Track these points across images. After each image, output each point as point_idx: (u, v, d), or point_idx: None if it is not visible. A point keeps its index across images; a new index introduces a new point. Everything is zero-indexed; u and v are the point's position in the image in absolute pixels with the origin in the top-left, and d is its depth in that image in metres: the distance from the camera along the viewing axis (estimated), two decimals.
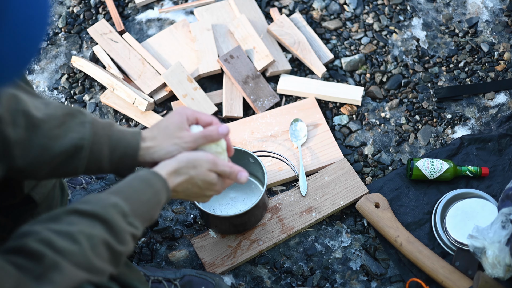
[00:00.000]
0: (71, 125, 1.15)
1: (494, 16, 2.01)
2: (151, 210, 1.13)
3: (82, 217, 1.02)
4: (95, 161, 1.17)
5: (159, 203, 1.14)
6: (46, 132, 1.12)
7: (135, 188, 1.12)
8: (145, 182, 1.13)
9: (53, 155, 1.13)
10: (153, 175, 1.14)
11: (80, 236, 0.99)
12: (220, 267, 1.60)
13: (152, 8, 2.06)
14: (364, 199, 1.66)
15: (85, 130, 1.15)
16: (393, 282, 1.61)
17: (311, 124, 1.81)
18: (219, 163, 1.23)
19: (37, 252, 0.95)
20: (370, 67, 1.94)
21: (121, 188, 1.11)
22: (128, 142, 1.19)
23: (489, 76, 1.91)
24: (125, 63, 1.92)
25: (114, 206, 1.06)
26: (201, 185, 1.21)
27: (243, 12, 2.00)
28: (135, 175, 1.14)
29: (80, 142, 1.14)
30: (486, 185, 1.71)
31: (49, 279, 0.95)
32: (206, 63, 1.90)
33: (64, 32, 2.02)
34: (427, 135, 1.82)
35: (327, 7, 2.05)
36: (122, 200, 1.08)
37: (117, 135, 1.19)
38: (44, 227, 0.99)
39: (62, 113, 1.15)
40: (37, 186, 1.27)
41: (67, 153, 1.14)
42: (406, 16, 2.03)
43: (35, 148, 1.11)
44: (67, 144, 1.13)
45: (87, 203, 1.05)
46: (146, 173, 1.15)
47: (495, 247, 1.44)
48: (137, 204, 1.10)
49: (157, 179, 1.14)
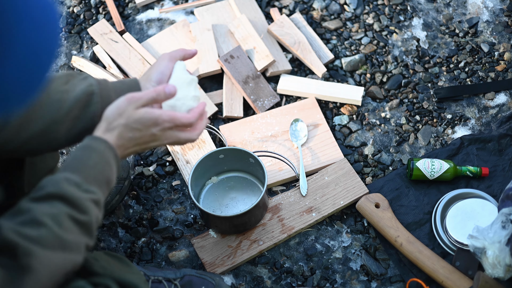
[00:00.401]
0: (75, 81, 1.22)
1: (494, 16, 2.01)
2: (103, 172, 1.14)
3: (40, 202, 1.05)
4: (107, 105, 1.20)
5: (108, 163, 1.15)
6: (58, 87, 1.19)
7: (78, 158, 1.13)
8: (86, 149, 1.14)
9: (69, 106, 1.18)
10: (91, 140, 1.15)
11: (44, 218, 1.02)
12: (220, 267, 1.60)
13: (152, 8, 2.06)
14: (364, 199, 1.66)
15: (90, 80, 1.22)
16: (393, 282, 1.61)
17: (311, 124, 1.81)
18: (138, 95, 1.19)
19: (9, 245, 0.97)
20: (370, 67, 1.94)
21: (67, 162, 1.13)
22: (128, 85, 1.26)
23: (489, 76, 1.91)
24: (126, 63, 1.92)
25: (65, 180, 1.08)
26: (138, 126, 1.18)
27: (244, 12, 2.00)
28: (76, 147, 1.17)
29: (90, 88, 1.21)
30: (486, 185, 1.71)
31: (28, 268, 0.97)
32: (206, 63, 1.90)
33: (64, 32, 2.02)
34: (427, 135, 1.82)
35: (327, 7, 2.05)
36: (70, 173, 1.10)
37: (117, 83, 1.27)
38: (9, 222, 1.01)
39: (64, 74, 1.23)
40: None
41: (82, 102, 1.20)
42: (407, 16, 2.03)
43: (51, 104, 1.17)
44: (79, 93, 1.19)
45: (41, 188, 1.07)
46: (85, 140, 1.16)
47: (495, 247, 1.44)
48: (86, 171, 1.12)
49: (96, 142, 1.15)
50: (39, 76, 0.87)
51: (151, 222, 1.70)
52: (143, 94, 1.19)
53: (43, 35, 0.84)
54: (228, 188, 1.71)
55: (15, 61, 0.81)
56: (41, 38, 0.84)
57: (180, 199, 1.74)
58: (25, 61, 0.82)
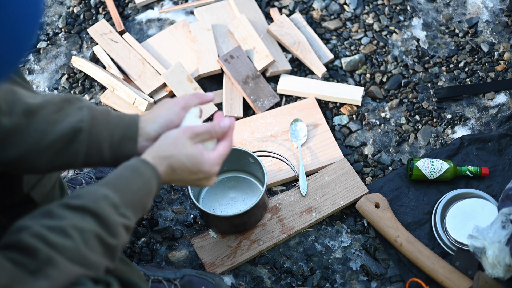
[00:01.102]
0: (69, 110, 1.14)
1: (494, 16, 2.01)
2: (143, 199, 1.11)
3: (73, 212, 1.02)
4: (95, 145, 1.15)
5: (151, 191, 1.12)
6: (45, 117, 1.11)
7: (124, 178, 1.09)
8: (134, 171, 1.10)
9: (52, 139, 1.11)
10: (141, 163, 1.12)
11: (72, 231, 0.99)
12: (220, 267, 1.60)
13: (152, 8, 2.07)
14: (364, 199, 1.66)
15: (83, 113, 1.14)
16: (393, 282, 1.61)
17: (311, 124, 1.81)
18: (196, 127, 1.16)
19: (31, 247, 0.95)
20: (370, 67, 1.94)
21: (110, 179, 1.10)
22: (126, 123, 1.18)
23: (489, 76, 1.91)
24: (125, 63, 1.92)
25: (104, 198, 1.05)
26: (188, 163, 1.15)
27: (243, 12, 2.00)
28: (124, 165, 1.12)
29: (79, 125, 1.13)
30: (486, 185, 1.71)
31: (44, 274, 0.95)
32: (206, 63, 1.90)
33: (64, 32, 2.02)
34: (427, 135, 1.82)
35: (327, 7, 2.05)
36: (111, 191, 1.06)
37: (115, 118, 1.18)
38: (37, 222, 0.99)
39: (59, 99, 1.14)
40: (37, 186, 1.27)
41: (67, 137, 1.12)
42: (406, 16, 2.03)
43: (33, 134, 1.11)
44: (66, 127, 1.12)
45: (77, 197, 1.04)
46: (134, 161, 1.12)
47: (495, 247, 1.44)
48: (128, 194, 1.09)
49: (145, 167, 1.11)
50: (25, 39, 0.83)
51: (151, 222, 1.70)
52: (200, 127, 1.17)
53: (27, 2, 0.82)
54: (227, 188, 1.71)
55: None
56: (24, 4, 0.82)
57: (180, 199, 1.74)
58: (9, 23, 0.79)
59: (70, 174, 1.69)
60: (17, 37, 0.82)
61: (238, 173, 1.73)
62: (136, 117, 1.19)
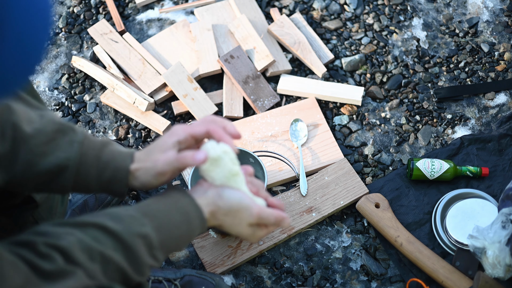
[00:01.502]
0: (59, 143, 1.11)
1: (494, 16, 2.01)
2: (180, 245, 1.10)
3: (108, 236, 0.99)
4: (82, 182, 1.13)
5: (190, 239, 1.10)
6: (33, 147, 1.09)
7: (171, 220, 1.06)
8: (184, 216, 1.07)
9: (37, 172, 1.10)
10: (194, 210, 1.09)
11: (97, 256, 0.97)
12: (220, 267, 1.60)
13: (152, 8, 2.06)
14: (364, 199, 1.66)
15: (72, 150, 1.11)
16: (393, 282, 1.61)
17: (311, 124, 1.81)
18: (263, 215, 1.12)
19: (46, 255, 0.94)
20: (371, 67, 1.94)
21: (157, 213, 1.06)
22: (117, 165, 1.12)
23: (489, 76, 1.91)
24: (126, 63, 1.92)
25: (144, 237, 1.02)
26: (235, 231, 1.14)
27: (244, 12, 2.00)
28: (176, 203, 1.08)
29: (65, 162, 1.10)
30: (487, 185, 1.71)
31: (61, 283, 0.93)
32: (206, 63, 1.90)
33: (65, 32, 2.02)
34: (427, 135, 1.82)
35: (327, 7, 2.05)
36: (154, 230, 1.03)
37: (107, 157, 1.13)
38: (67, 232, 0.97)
39: (52, 129, 1.11)
40: None
41: (52, 172, 1.10)
42: (407, 16, 2.03)
43: (19, 163, 1.09)
44: (52, 162, 1.10)
45: (118, 221, 1.01)
46: (187, 204, 1.09)
47: (495, 247, 1.44)
48: (168, 237, 1.06)
49: (196, 216, 1.08)
50: (34, 56, 0.83)
51: None
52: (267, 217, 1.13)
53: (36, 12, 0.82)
54: None
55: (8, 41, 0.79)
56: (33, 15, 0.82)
57: None
58: (18, 40, 0.79)
59: None
60: (25, 53, 0.82)
61: None
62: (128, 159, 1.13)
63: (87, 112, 1.88)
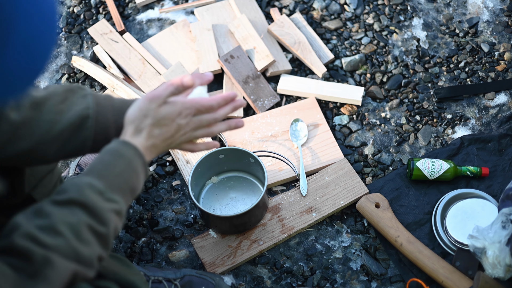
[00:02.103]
0: (73, 100, 1.17)
1: (494, 16, 2.01)
2: (129, 180, 1.11)
3: (61, 207, 1.02)
4: (102, 131, 1.18)
5: (135, 171, 1.12)
6: (51, 107, 1.14)
7: (106, 162, 1.10)
8: (115, 154, 1.11)
9: (60, 129, 1.14)
10: (120, 145, 1.12)
11: (62, 227, 0.99)
12: (220, 267, 1.60)
13: (152, 8, 2.06)
14: (365, 199, 1.66)
15: (88, 101, 1.17)
16: (393, 282, 1.61)
17: (312, 124, 1.81)
18: (158, 93, 1.16)
19: (25, 250, 0.96)
20: (371, 67, 1.94)
21: (93, 166, 1.10)
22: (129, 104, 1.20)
23: (489, 76, 1.91)
24: (126, 63, 1.92)
25: (89, 186, 1.05)
26: (167, 122, 1.15)
27: (244, 12, 2.00)
28: (104, 149, 1.13)
29: (86, 112, 1.16)
30: (487, 185, 1.71)
31: (43, 276, 0.95)
32: (206, 63, 1.90)
33: (65, 32, 2.02)
34: (427, 135, 1.82)
35: (327, 7, 2.05)
36: (95, 178, 1.07)
37: (119, 103, 1.21)
38: (28, 222, 0.99)
39: (62, 90, 1.17)
40: (38, 186, 1.27)
41: (75, 125, 1.15)
42: (407, 16, 2.03)
43: (41, 125, 1.13)
44: (74, 115, 1.15)
45: (63, 191, 1.04)
46: (114, 144, 1.12)
47: (495, 247, 1.44)
48: (111, 178, 1.09)
49: (125, 147, 1.12)
50: (41, 59, 0.85)
51: (151, 222, 1.70)
52: (162, 91, 1.16)
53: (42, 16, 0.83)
54: (228, 188, 1.71)
55: (16, 44, 0.80)
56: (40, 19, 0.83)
57: (180, 199, 1.74)
58: (26, 43, 0.81)
59: (71, 174, 1.69)
60: (32, 58, 0.84)
61: (239, 173, 1.73)
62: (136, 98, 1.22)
63: None
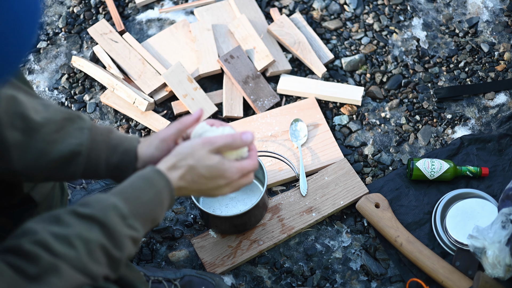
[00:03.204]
0: (69, 130, 1.14)
1: (494, 16, 2.01)
2: (153, 210, 1.10)
3: (81, 220, 1.01)
4: (92, 167, 1.16)
5: (162, 203, 1.11)
6: (44, 136, 1.11)
7: (136, 188, 1.08)
8: (147, 181, 1.09)
9: (50, 159, 1.12)
10: (155, 173, 1.11)
11: (76, 241, 0.98)
12: (220, 267, 1.60)
13: (152, 8, 2.06)
14: (364, 199, 1.66)
15: (83, 136, 1.15)
16: (393, 282, 1.61)
17: (311, 124, 1.81)
18: (216, 139, 1.14)
19: (32, 254, 0.95)
20: (370, 67, 1.94)
21: (122, 188, 1.09)
22: (125, 148, 1.18)
23: (489, 76, 1.91)
24: (125, 63, 1.92)
25: (113, 208, 1.04)
26: (206, 174, 1.13)
27: (243, 12, 2.00)
28: (138, 174, 1.11)
29: (78, 148, 1.14)
30: (486, 185, 1.71)
31: (46, 282, 0.94)
32: (206, 63, 1.90)
33: (64, 32, 2.02)
34: (427, 135, 1.82)
35: (327, 7, 2.05)
36: (121, 201, 1.05)
37: (115, 141, 1.18)
38: (43, 228, 0.98)
39: (61, 118, 1.14)
40: (37, 186, 1.27)
41: (65, 158, 1.13)
42: (406, 16, 2.03)
43: (32, 152, 1.11)
44: (65, 149, 1.13)
45: (87, 205, 1.03)
46: (148, 171, 1.11)
47: (495, 247, 1.44)
48: (138, 204, 1.07)
49: (159, 177, 1.10)
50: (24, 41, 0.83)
51: None
52: (219, 138, 1.14)
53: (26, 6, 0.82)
54: None
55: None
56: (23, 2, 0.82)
57: (180, 199, 1.74)
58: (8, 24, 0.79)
59: None
60: (18, 36, 0.82)
61: None
62: (135, 142, 1.19)
63: (87, 112, 1.88)
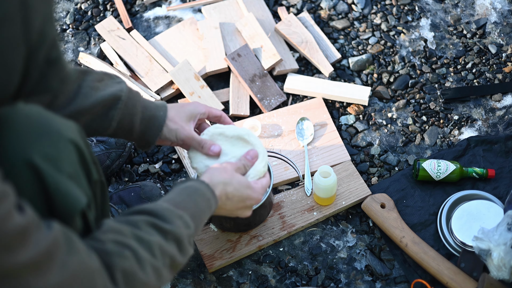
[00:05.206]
0: (109, 82, 1.27)
1: (502, 18, 2.01)
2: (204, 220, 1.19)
3: (160, 233, 1.05)
4: (129, 116, 1.28)
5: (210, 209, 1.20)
6: (89, 82, 1.23)
7: (200, 208, 1.16)
8: (207, 202, 1.18)
9: (93, 103, 1.22)
10: (212, 196, 1.20)
11: (157, 251, 1.03)
12: (219, 260, 1.61)
13: (160, 6, 2.07)
14: (370, 199, 1.66)
15: (122, 86, 1.28)
16: (398, 282, 1.61)
17: (318, 124, 1.81)
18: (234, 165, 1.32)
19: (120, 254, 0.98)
20: (378, 67, 1.94)
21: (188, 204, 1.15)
22: (157, 105, 1.34)
23: (496, 77, 1.90)
24: (133, 60, 1.92)
25: (187, 227, 1.10)
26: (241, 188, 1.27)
27: (251, 10, 2.00)
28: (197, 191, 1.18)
29: (119, 93, 1.26)
30: (492, 187, 1.70)
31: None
32: (213, 61, 1.90)
33: (72, 28, 2.03)
34: (433, 136, 1.81)
35: (335, 7, 2.05)
36: (191, 220, 1.12)
37: (145, 100, 1.33)
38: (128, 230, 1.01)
39: (102, 72, 1.28)
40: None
41: (106, 103, 1.24)
42: (414, 17, 2.02)
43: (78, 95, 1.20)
44: (107, 94, 1.24)
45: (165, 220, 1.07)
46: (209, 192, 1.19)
47: (500, 249, 1.44)
48: (200, 223, 1.16)
49: (214, 200, 1.20)
50: None
51: None
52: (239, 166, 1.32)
53: None
54: None
55: None
56: None
57: None
58: None
59: None
60: None
61: None
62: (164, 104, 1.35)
63: None
